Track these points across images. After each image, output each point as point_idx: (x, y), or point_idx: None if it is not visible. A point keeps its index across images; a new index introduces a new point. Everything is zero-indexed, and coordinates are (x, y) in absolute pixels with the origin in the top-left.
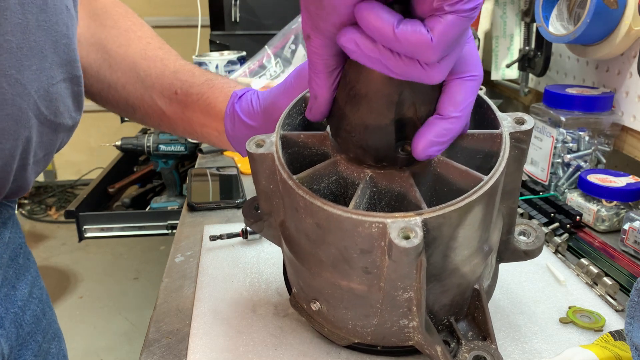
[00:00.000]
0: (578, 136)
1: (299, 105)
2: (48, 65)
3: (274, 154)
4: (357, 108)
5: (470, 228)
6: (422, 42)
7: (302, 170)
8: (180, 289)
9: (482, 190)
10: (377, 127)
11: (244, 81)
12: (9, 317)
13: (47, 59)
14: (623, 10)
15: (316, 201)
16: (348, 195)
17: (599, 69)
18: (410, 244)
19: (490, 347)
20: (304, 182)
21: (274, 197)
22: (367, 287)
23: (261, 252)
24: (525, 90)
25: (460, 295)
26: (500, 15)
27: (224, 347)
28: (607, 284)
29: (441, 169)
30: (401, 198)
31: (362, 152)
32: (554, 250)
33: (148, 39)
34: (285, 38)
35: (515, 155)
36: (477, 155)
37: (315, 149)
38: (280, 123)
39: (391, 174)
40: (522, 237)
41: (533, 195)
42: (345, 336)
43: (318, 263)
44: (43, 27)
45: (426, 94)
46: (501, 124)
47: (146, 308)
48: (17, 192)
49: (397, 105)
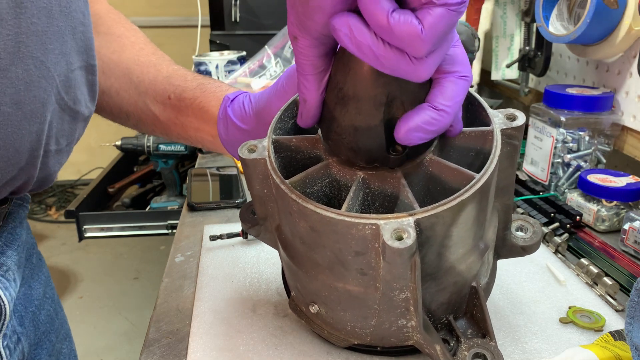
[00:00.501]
0: (578, 136)
1: (291, 109)
2: (68, 50)
3: (266, 159)
4: (346, 110)
5: (464, 226)
6: (413, 33)
7: (295, 174)
8: (180, 288)
9: (474, 188)
10: (366, 128)
11: (244, 81)
12: (28, 316)
13: (67, 44)
14: (623, 10)
15: (309, 205)
16: (342, 197)
17: (599, 69)
18: (403, 245)
19: (489, 345)
20: (297, 186)
21: (269, 201)
22: (364, 288)
23: (261, 252)
24: (525, 90)
25: (458, 294)
26: (501, 15)
27: (224, 347)
28: (607, 284)
29: (433, 168)
30: (394, 199)
31: (354, 154)
32: (554, 250)
33: (141, 45)
34: (286, 38)
35: (507, 152)
36: (469, 153)
37: (308, 152)
38: (272, 127)
39: (383, 175)
40: (519, 232)
41: (533, 195)
42: (344, 338)
43: (314, 266)
44: (64, 12)
45: (414, 95)
46: (492, 121)
47: (146, 308)
48: (41, 184)
49: (385, 105)
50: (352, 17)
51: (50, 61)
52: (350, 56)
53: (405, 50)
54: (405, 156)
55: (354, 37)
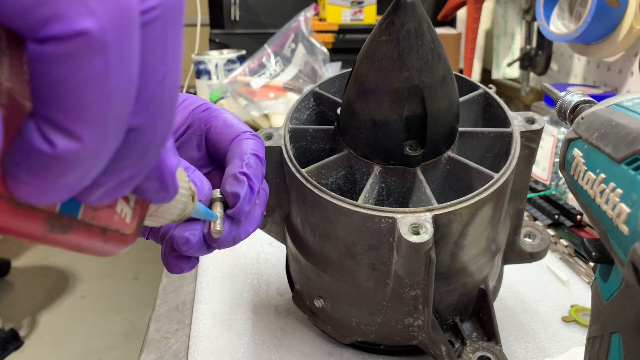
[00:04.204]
0: None
1: (307, 99)
2: None
3: (282, 147)
4: (366, 103)
5: (479, 226)
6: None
7: (308, 165)
8: (180, 289)
9: (493, 187)
10: (385, 123)
11: (244, 80)
12: None
13: None
14: (624, 9)
15: (325, 195)
16: (355, 191)
17: (600, 67)
18: (420, 240)
19: (495, 348)
20: (312, 175)
21: (280, 191)
22: (373, 284)
23: (261, 252)
24: (526, 89)
25: (467, 295)
26: (502, 14)
27: (225, 349)
28: None
29: (451, 166)
30: (409, 195)
31: (370, 149)
32: (559, 256)
33: None
34: (285, 37)
35: (524, 155)
36: (487, 154)
37: (323, 143)
38: (288, 117)
39: (401, 170)
40: (527, 239)
41: (534, 194)
42: (348, 334)
43: (324, 259)
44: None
45: (435, 91)
46: (512, 123)
47: (145, 308)
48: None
49: (406, 101)
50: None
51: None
52: (376, 48)
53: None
54: (422, 156)
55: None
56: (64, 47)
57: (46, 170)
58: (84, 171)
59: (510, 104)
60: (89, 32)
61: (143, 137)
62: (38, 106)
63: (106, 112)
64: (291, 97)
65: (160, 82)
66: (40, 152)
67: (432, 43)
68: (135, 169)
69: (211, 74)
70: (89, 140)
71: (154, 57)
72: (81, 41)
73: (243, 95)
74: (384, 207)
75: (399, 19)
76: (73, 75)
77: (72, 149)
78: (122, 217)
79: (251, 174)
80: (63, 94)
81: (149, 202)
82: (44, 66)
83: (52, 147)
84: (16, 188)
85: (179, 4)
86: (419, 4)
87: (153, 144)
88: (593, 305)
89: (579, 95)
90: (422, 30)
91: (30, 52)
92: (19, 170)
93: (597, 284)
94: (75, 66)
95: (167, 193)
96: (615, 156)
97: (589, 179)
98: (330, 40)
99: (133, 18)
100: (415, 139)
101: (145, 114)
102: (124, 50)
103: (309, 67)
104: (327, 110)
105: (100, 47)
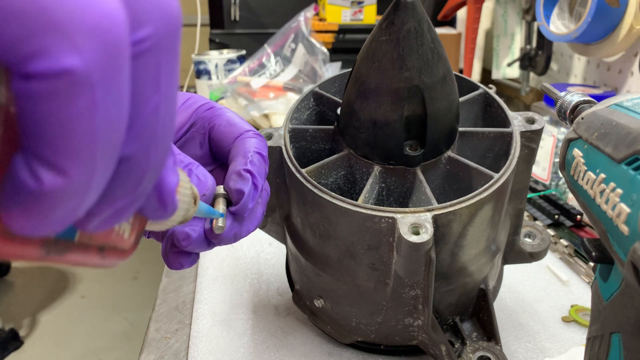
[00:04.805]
0: None
1: (307, 100)
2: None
3: (282, 147)
4: (366, 103)
5: (479, 226)
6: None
7: (308, 165)
8: (180, 289)
9: (493, 187)
10: (385, 123)
11: (244, 80)
12: None
13: None
14: (624, 9)
15: (324, 195)
16: (355, 191)
17: (600, 67)
18: (420, 240)
19: (495, 348)
20: (312, 175)
21: (280, 191)
22: (373, 284)
23: (261, 252)
24: (526, 89)
25: (467, 295)
26: (502, 14)
27: (225, 349)
28: None
29: (451, 166)
30: (410, 194)
31: (370, 149)
32: (559, 256)
33: None
34: (285, 37)
35: (524, 155)
36: (487, 154)
37: (323, 144)
38: (288, 117)
39: (401, 170)
40: (527, 239)
41: (534, 194)
42: (348, 334)
43: (324, 259)
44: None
45: (435, 91)
46: (512, 123)
47: (145, 308)
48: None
49: (406, 101)
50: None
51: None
52: (376, 48)
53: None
54: (422, 156)
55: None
56: (48, 84)
57: (35, 205)
58: (74, 205)
59: (510, 104)
60: (74, 70)
61: (136, 166)
62: (26, 140)
63: (93, 148)
64: (291, 97)
65: (154, 111)
66: (28, 187)
67: (432, 43)
68: (130, 197)
69: (211, 74)
70: (76, 175)
71: (147, 87)
72: (66, 79)
73: (243, 95)
74: (384, 207)
75: (399, 19)
76: (58, 112)
77: (58, 184)
78: (120, 234)
79: (255, 171)
80: (49, 130)
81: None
82: (29, 102)
83: (38, 183)
84: (9, 221)
85: (173, 32)
86: (419, 4)
87: (147, 173)
88: (593, 305)
89: (579, 95)
90: (422, 30)
91: (15, 87)
92: (11, 205)
93: (597, 284)
94: (60, 104)
95: (165, 211)
96: (615, 156)
97: (589, 179)
98: (330, 40)
99: (122, 53)
100: (415, 139)
101: (138, 143)
102: (111, 86)
103: (309, 67)
104: (327, 110)
105: (86, 85)
